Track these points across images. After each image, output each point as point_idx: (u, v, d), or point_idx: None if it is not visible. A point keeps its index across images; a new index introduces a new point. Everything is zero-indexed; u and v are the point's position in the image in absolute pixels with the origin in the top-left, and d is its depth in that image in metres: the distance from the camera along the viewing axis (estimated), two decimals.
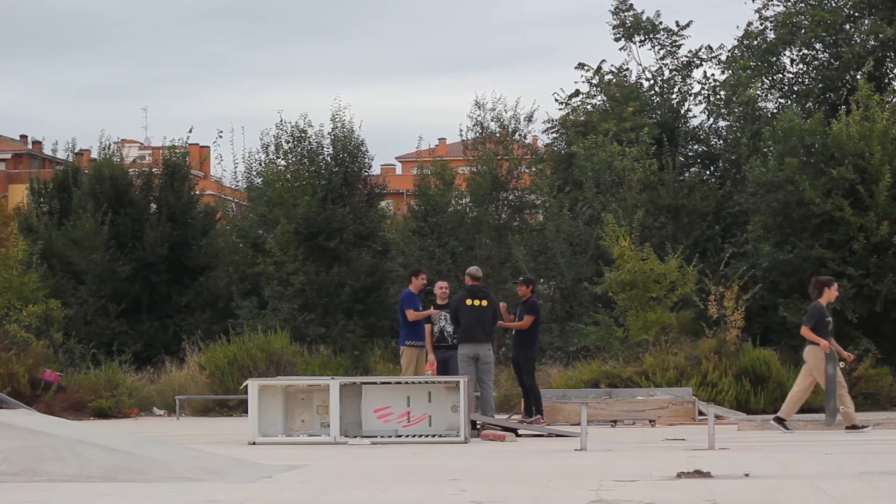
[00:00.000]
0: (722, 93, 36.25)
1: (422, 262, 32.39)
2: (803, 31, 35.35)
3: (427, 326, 19.41)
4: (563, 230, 32.96)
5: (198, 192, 38.21)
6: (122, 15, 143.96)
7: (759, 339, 27.90)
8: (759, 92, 35.39)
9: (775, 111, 35.17)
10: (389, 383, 17.58)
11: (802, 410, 24.57)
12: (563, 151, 36.79)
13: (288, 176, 35.08)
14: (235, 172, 37.23)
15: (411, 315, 19.34)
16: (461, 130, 36.41)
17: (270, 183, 35.01)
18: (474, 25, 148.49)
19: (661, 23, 36.83)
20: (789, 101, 35.49)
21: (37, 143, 78.10)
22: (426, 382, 17.26)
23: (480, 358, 18.51)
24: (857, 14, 35.97)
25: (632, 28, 36.77)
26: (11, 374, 25.29)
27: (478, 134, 36.16)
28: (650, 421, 21.60)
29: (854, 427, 17.98)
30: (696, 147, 36.76)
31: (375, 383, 17.70)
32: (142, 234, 35.72)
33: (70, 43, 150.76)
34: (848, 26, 35.79)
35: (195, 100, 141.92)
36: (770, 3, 36.18)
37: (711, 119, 36.85)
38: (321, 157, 35.42)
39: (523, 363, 19.90)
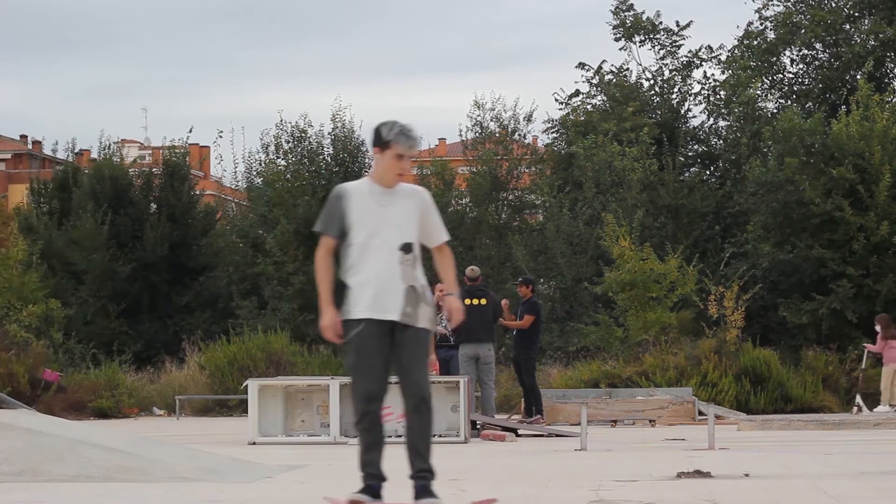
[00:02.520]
0: (722, 93, 36.27)
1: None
2: (803, 31, 35.37)
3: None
4: (563, 230, 32.96)
5: (198, 192, 38.22)
6: (122, 15, 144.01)
7: (759, 339, 27.90)
8: (759, 92, 35.42)
9: (775, 111, 35.20)
10: (389, 383, 17.54)
11: (804, 411, 24.62)
12: (563, 151, 36.80)
13: (288, 176, 35.09)
14: (235, 172, 37.31)
15: None
16: (461, 130, 36.49)
17: (270, 183, 35.01)
18: (474, 25, 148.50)
19: (661, 23, 36.88)
20: (789, 101, 35.51)
21: (37, 143, 78.02)
22: None
23: (481, 358, 18.49)
24: (857, 14, 35.99)
25: (632, 28, 36.79)
26: (11, 374, 25.27)
27: (477, 134, 36.17)
28: (650, 421, 21.59)
29: None
30: (696, 147, 36.78)
31: None
32: (142, 234, 35.71)
33: (70, 43, 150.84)
34: (848, 26, 35.81)
35: (195, 100, 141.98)
36: (770, 3, 36.23)
37: (711, 119, 36.89)
38: (321, 157, 35.42)
39: (524, 363, 19.91)
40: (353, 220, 7.76)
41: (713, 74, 36.86)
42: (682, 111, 36.90)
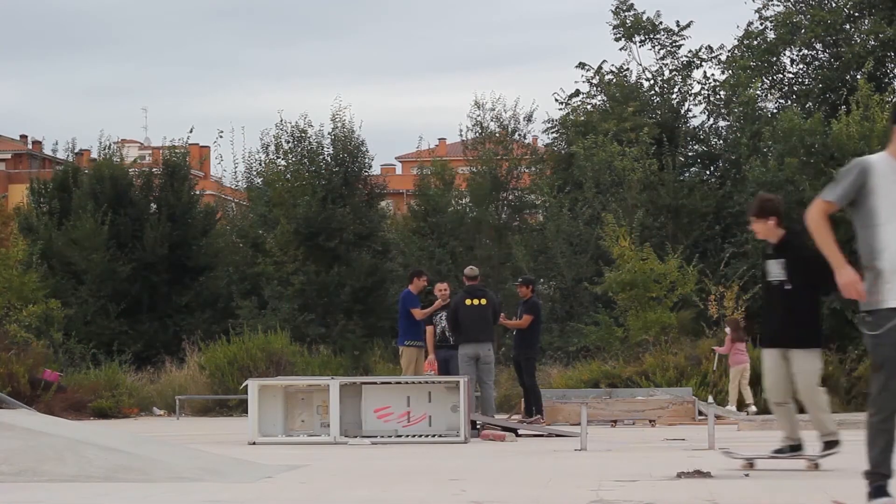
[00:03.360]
0: (722, 93, 36.27)
1: (422, 262, 32.42)
2: (803, 31, 35.36)
3: (429, 326, 19.38)
4: (563, 230, 32.97)
5: (198, 192, 38.25)
6: (122, 15, 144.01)
7: (759, 339, 27.85)
8: (759, 92, 35.41)
9: (775, 111, 35.19)
10: (389, 383, 17.56)
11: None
12: (563, 151, 36.80)
13: (288, 176, 35.11)
14: (235, 172, 37.34)
15: (418, 314, 19.31)
16: (461, 130, 36.49)
17: (270, 183, 35.03)
18: (475, 25, 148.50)
19: (661, 23, 36.88)
20: (789, 101, 35.50)
21: (37, 143, 78.04)
22: (426, 382, 17.25)
23: (481, 358, 18.47)
24: (857, 14, 35.98)
25: (632, 28, 36.79)
26: (11, 374, 25.28)
27: (478, 134, 36.18)
28: (650, 421, 21.58)
29: None
30: (696, 147, 36.77)
31: (375, 383, 17.69)
32: (142, 234, 35.73)
33: (70, 43, 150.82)
34: (848, 26, 35.80)
35: (195, 100, 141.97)
36: (770, 3, 36.22)
37: (711, 119, 36.87)
38: (321, 157, 35.44)
39: (524, 363, 19.93)
40: (878, 198, 7.19)
41: (713, 74, 36.89)
42: (682, 111, 36.90)
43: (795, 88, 36.35)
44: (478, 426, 17.32)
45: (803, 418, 11.11)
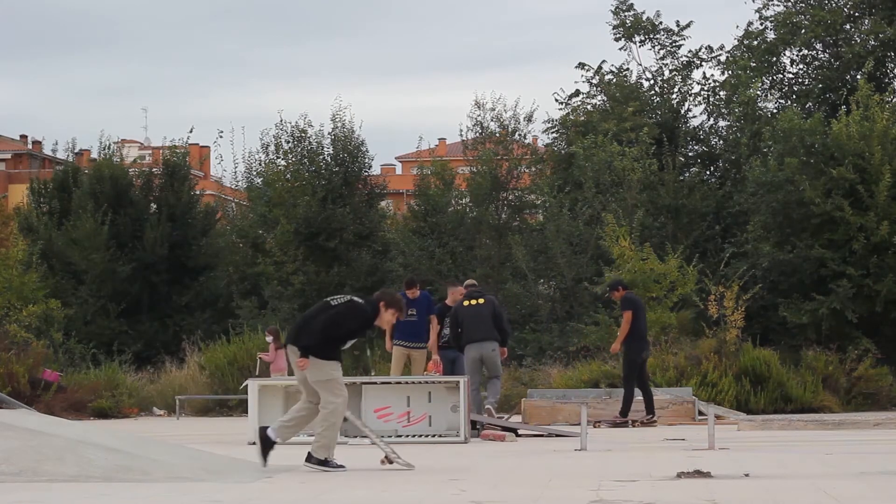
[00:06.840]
0: (722, 93, 36.27)
1: (422, 262, 32.41)
2: (803, 31, 35.36)
3: (434, 327, 19.33)
4: (563, 230, 32.95)
5: (198, 192, 38.26)
6: (123, 15, 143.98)
7: (758, 339, 27.89)
8: (758, 92, 35.42)
9: (775, 111, 35.19)
10: (389, 383, 17.56)
11: (804, 411, 24.61)
12: (563, 151, 36.80)
13: (288, 176, 35.11)
14: (235, 172, 37.36)
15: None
16: (461, 130, 36.47)
17: (270, 183, 35.04)
18: (476, 26, 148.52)
19: (661, 23, 36.88)
20: (789, 101, 35.50)
21: (37, 143, 78.01)
22: (426, 382, 17.24)
23: (484, 357, 18.39)
24: (857, 14, 35.98)
25: (632, 28, 36.79)
26: (11, 374, 25.29)
27: (478, 134, 36.16)
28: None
29: None
30: (696, 147, 36.78)
31: (375, 383, 17.68)
32: (142, 234, 35.73)
33: (70, 43, 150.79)
34: (848, 26, 35.81)
35: (196, 100, 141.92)
36: (770, 3, 36.22)
37: (711, 119, 36.88)
38: (321, 157, 35.44)
39: (630, 361, 20.34)
40: None
41: (713, 75, 36.90)
42: (682, 111, 36.90)
43: (795, 88, 36.36)
44: (478, 426, 17.30)
45: None
